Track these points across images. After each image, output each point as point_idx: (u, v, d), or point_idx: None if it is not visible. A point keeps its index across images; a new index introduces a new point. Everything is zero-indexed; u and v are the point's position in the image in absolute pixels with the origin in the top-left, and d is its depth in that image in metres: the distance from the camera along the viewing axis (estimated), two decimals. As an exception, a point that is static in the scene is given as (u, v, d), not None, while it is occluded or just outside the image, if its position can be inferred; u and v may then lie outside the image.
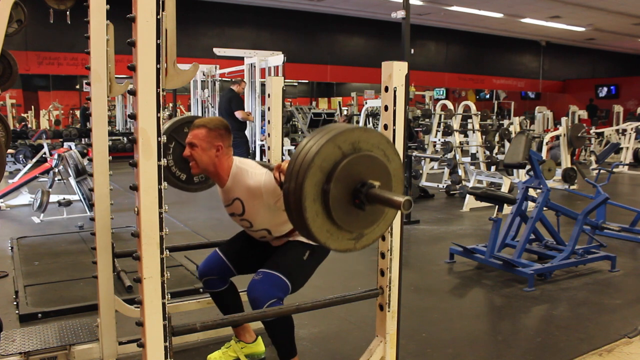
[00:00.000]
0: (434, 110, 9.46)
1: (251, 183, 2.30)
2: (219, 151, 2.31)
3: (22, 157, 10.10)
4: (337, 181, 1.53)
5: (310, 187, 1.50)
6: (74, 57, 12.62)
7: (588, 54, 22.15)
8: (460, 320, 3.35)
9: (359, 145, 1.58)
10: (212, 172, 2.35)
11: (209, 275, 2.54)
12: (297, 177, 1.51)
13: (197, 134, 2.29)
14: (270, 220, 2.37)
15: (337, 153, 1.54)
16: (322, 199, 1.53)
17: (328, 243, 1.59)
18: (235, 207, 2.39)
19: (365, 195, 1.56)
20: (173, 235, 5.06)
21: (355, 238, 1.65)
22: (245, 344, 2.66)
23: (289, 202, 1.54)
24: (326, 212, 1.54)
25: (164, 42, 1.56)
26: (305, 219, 1.51)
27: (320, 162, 1.51)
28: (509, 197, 4.20)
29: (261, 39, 15.09)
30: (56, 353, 2.60)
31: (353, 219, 1.60)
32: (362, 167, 1.57)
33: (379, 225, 1.70)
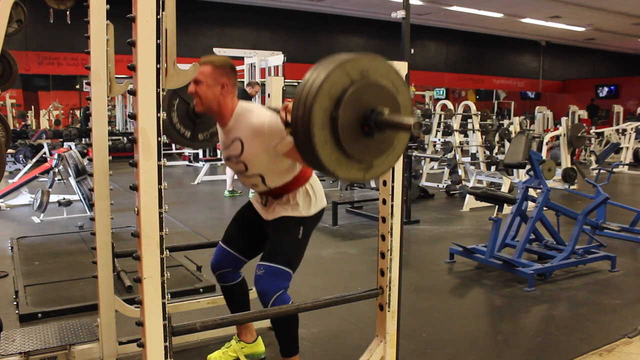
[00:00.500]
0: (434, 110, 9.47)
1: (255, 121, 2.25)
2: (223, 89, 2.28)
3: (22, 157, 10.10)
4: (345, 107, 1.50)
5: (318, 113, 1.47)
6: (74, 57, 12.62)
7: (588, 54, 22.15)
8: (460, 320, 3.35)
9: (368, 73, 1.55)
10: (215, 111, 2.31)
11: (221, 269, 2.56)
12: (305, 104, 1.48)
13: (202, 70, 2.27)
14: (266, 166, 2.30)
15: (346, 80, 1.51)
16: (330, 125, 1.50)
17: (337, 172, 1.55)
18: (233, 148, 2.33)
19: (374, 121, 1.53)
20: (173, 235, 5.06)
21: (364, 168, 1.62)
22: (245, 344, 2.66)
23: (297, 131, 1.51)
24: (335, 139, 1.51)
25: (164, 42, 1.56)
26: (314, 145, 1.48)
27: (328, 87, 1.48)
28: (509, 197, 4.21)
29: (261, 39, 15.09)
30: (56, 353, 2.60)
31: (362, 147, 1.56)
32: (370, 95, 1.54)
33: (388, 157, 1.67)
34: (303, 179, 2.38)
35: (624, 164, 10.69)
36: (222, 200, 7.56)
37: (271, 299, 2.22)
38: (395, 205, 2.09)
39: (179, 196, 7.90)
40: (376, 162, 1.64)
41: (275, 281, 2.24)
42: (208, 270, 4.00)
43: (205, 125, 2.75)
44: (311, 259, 4.57)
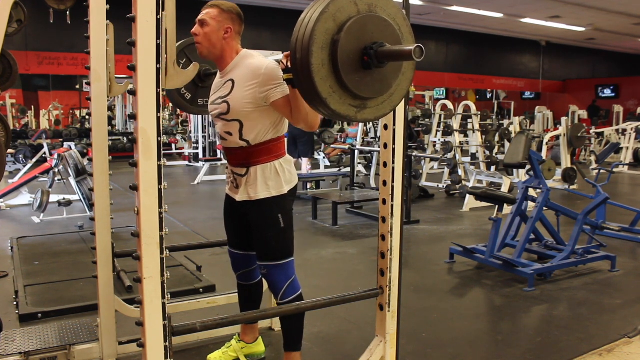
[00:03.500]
0: (434, 110, 9.46)
1: (254, 62, 2.23)
2: (227, 34, 2.25)
3: (22, 157, 10.10)
4: (348, 33, 1.47)
5: (320, 33, 1.45)
6: (74, 57, 12.60)
7: (588, 54, 22.13)
8: (460, 320, 3.35)
9: (376, 9, 1.54)
10: (216, 55, 2.28)
11: (238, 270, 2.60)
12: (308, 24, 1.46)
13: (209, 12, 2.25)
14: (248, 113, 2.21)
15: (353, 8, 1.49)
16: (330, 48, 1.47)
17: (329, 101, 1.52)
18: (223, 90, 2.28)
19: (375, 52, 1.50)
20: (173, 235, 5.06)
21: (357, 106, 1.58)
22: (245, 344, 2.66)
23: (296, 50, 1.48)
24: (332, 64, 1.48)
25: (164, 42, 1.56)
26: (310, 65, 1.45)
27: (334, 11, 1.46)
28: (509, 197, 4.21)
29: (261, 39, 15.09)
30: (56, 353, 2.60)
31: (359, 79, 1.53)
32: (375, 29, 1.52)
33: (384, 103, 1.64)
34: (275, 152, 2.30)
35: (624, 164, 10.69)
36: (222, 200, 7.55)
37: (283, 288, 2.31)
38: (395, 205, 2.09)
39: (179, 196, 7.90)
40: (371, 103, 1.61)
41: (281, 273, 2.32)
42: (208, 270, 4.02)
43: (206, 92, 2.73)
44: (311, 259, 4.57)
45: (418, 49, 1.45)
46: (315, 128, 2.22)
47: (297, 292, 2.37)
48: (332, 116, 1.63)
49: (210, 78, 2.76)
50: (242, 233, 2.52)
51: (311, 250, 4.83)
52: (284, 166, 2.33)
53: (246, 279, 2.60)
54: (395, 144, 2.05)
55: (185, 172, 11.04)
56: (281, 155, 2.33)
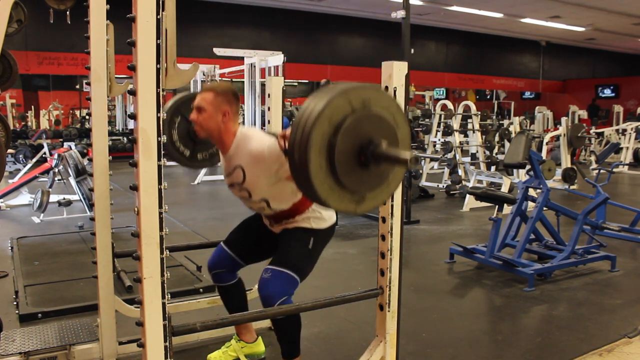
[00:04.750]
0: (434, 110, 9.46)
1: (255, 147, 2.26)
2: (225, 116, 2.28)
3: (22, 157, 10.10)
4: (344, 134, 1.49)
5: (317, 137, 1.47)
6: (74, 57, 12.60)
7: (588, 54, 22.13)
8: (460, 320, 3.35)
9: (370, 104, 1.55)
10: (216, 138, 2.32)
11: (217, 269, 2.55)
12: (304, 127, 1.47)
13: (205, 97, 2.27)
14: (269, 190, 2.31)
15: (347, 107, 1.51)
16: (327, 151, 1.49)
17: (328, 200, 1.54)
18: (235, 176, 2.35)
19: (371, 152, 1.53)
20: (173, 235, 5.05)
21: (356, 200, 1.61)
22: (245, 344, 2.66)
23: (293, 154, 1.51)
24: (330, 166, 1.50)
25: (164, 42, 1.56)
26: (308, 170, 1.47)
27: (330, 113, 1.48)
28: (509, 197, 4.21)
29: (261, 39, 15.08)
30: (56, 353, 2.60)
31: (356, 178, 1.55)
32: (370, 126, 1.54)
33: (382, 192, 1.66)
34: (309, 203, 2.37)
35: (624, 164, 10.69)
36: (222, 200, 7.56)
37: (275, 304, 2.19)
38: (395, 205, 2.09)
39: (179, 196, 7.90)
40: (369, 195, 1.64)
41: (281, 286, 2.23)
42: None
43: (205, 146, 2.75)
44: (311, 259, 4.57)
45: (414, 159, 1.48)
46: None
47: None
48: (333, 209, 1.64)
49: None
50: (253, 241, 2.54)
51: (311, 250, 4.82)
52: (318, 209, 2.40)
53: (220, 280, 2.58)
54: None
55: (185, 172, 11.03)
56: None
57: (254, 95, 9.48)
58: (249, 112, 9.64)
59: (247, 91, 9.67)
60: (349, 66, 16.54)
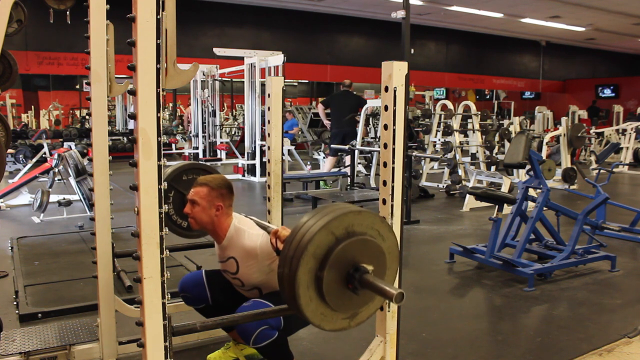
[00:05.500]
0: (434, 110, 9.45)
1: (247, 243, 2.31)
2: (218, 211, 2.33)
3: (22, 157, 10.10)
4: (330, 267, 1.55)
5: (303, 274, 1.53)
6: (74, 57, 12.61)
7: (588, 54, 22.14)
8: (460, 320, 3.35)
9: (353, 228, 1.60)
10: (210, 230, 2.38)
11: (185, 292, 2.58)
12: (290, 264, 1.53)
13: (198, 191, 2.31)
14: (262, 281, 2.38)
15: (331, 239, 1.56)
16: (315, 285, 1.55)
17: (322, 325, 1.61)
18: (229, 265, 2.41)
19: (358, 281, 1.58)
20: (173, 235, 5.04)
21: (349, 317, 1.67)
22: (244, 345, 2.65)
23: (283, 287, 1.57)
24: (320, 297, 1.57)
25: (164, 42, 1.56)
26: (299, 305, 1.54)
27: (313, 249, 1.53)
28: (509, 197, 4.21)
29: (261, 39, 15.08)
30: (56, 353, 2.60)
31: (347, 301, 1.62)
32: (355, 251, 1.59)
33: (374, 303, 1.72)
34: None
35: (624, 164, 10.69)
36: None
37: (254, 334, 2.14)
38: (395, 205, 2.08)
39: (179, 196, 7.88)
40: (361, 310, 1.69)
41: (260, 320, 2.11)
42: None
43: None
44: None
45: (399, 296, 1.51)
46: None
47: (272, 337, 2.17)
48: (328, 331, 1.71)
49: None
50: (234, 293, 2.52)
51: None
52: None
53: (188, 302, 2.60)
54: (395, 144, 2.04)
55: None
56: None
57: (254, 95, 9.48)
58: (249, 112, 9.64)
59: (247, 91, 9.67)
60: (349, 66, 16.54)
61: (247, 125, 9.77)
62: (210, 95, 11.63)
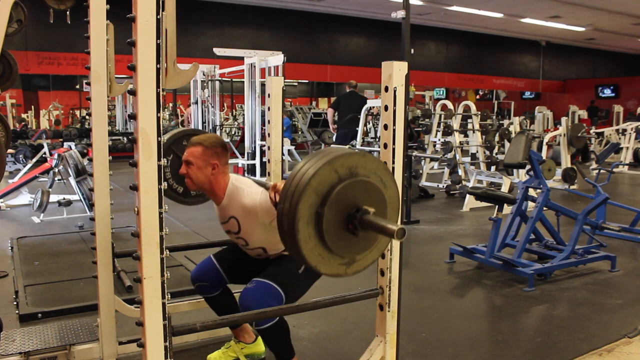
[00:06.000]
0: (434, 110, 9.45)
1: (246, 202, 2.30)
2: (214, 169, 2.31)
3: (22, 157, 10.09)
4: (331, 205, 1.52)
5: (304, 209, 1.50)
6: (74, 57, 12.61)
7: (588, 54, 22.14)
8: (460, 320, 3.35)
9: (356, 170, 1.58)
10: (207, 190, 2.36)
11: (201, 282, 2.56)
12: (291, 199, 1.50)
13: (193, 151, 2.30)
14: (265, 239, 2.38)
15: (334, 177, 1.53)
16: (315, 222, 1.53)
17: (319, 267, 1.58)
18: (231, 225, 2.41)
19: (359, 221, 1.55)
20: (173, 235, 5.06)
21: (346, 263, 1.65)
22: (245, 345, 2.66)
23: (282, 223, 1.54)
24: (319, 235, 1.54)
25: (164, 42, 1.56)
26: (297, 241, 1.51)
27: (316, 184, 1.50)
28: (509, 197, 4.20)
29: (261, 39, 15.09)
30: (56, 353, 2.60)
31: (345, 243, 1.59)
32: (357, 193, 1.57)
33: (372, 252, 1.69)
34: None
35: (624, 164, 10.69)
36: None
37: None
38: (395, 205, 2.08)
39: (179, 196, 7.88)
40: (358, 257, 1.67)
41: (263, 298, 2.18)
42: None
43: None
44: (311, 259, 4.57)
45: (400, 232, 1.49)
46: None
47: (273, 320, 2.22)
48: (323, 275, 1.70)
49: None
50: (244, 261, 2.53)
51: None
52: None
53: (204, 292, 2.59)
54: (395, 144, 2.04)
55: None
56: None
57: (254, 95, 9.47)
58: (249, 112, 9.64)
59: (247, 91, 9.66)
60: (349, 66, 16.55)
61: (247, 125, 9.76)
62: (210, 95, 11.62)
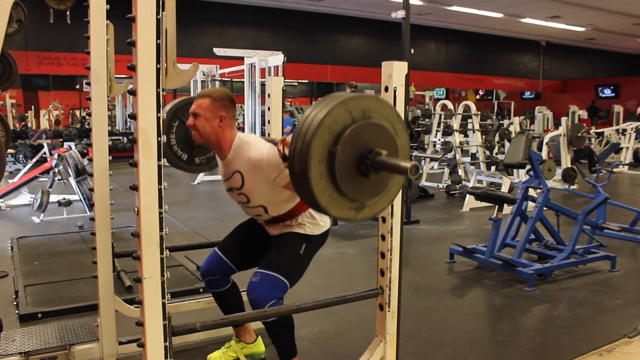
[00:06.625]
0: (434, 110, 9.46)
1: (253, 155, 2.26)
2: (222, 122, 2.28)
3: (22, 157, 10.10)
4: (344, 144, 1.51)
5: (317, 147, 1.48)
6: (74, 57, 12.61)
7: (588, 54, 22.14)
8: (460, 320, 3.35)
9: (370, 113, 1.57)
10: (213, 143, 2.32)
11: (210, 275, 2.54)
12: (304, 137, 1.48)
13: (200, 103, 2.28)
14: (268, 197, 2.32)
15: (347, 117, 1.52)
16: (327, 161, 1.51)
17: (329, 208, 1.56)
18: (234, 181, 2.35)
19: (371, 161, 1.54)
20: (173, 235, 5.06)
21: (356, 208, 1.63)
22: (245, 344, 2.66)
23: (293, 163, 1.52)
24: (330, 175, 1.52)
25: (164, 42, 1.56)
26: (309, 179, 1.49)
27: (329, 123, 1.49)
28: (509, 197, 4.21)
29: (261, 39, 15.09)
30: (56, 353, 2.60)
31: (357, 186, 1.57)
32: (370, 136, 1.56)
33: (381, 200, 1.68)
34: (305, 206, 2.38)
35: (624, 164, 10.69)
36: (222, 200, 7.56)
37: (264, 307, 2.18)
38: (395, 205, 2.09)
39: (179, 196, 7.90)
40: (369, 202, 1.66)
41: (269, 289, 2.21)
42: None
43: (202, 150, 2.77)
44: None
45: (414, 168, 1.48)
46: None
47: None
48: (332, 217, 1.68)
49: None
50: (248, 247, 2.53)
51: (311, 250, 4.82)
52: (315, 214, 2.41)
53: (214, 287, 2.57)
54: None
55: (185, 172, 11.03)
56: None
57: (254, 95, 9.48)
58: (249, 112, 9.63)
59: (247, 91, 9.66)
60: (349, 66, 16.55)
61: (247, 125, 9.76)
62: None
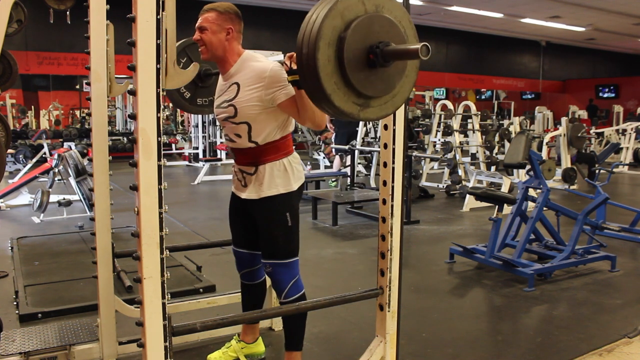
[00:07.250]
0: (434, 110, 9.46)
1: (259, 65, 2.24)
2: (229, 34, 2.26)
3: (22, 157, 10.10)
4: (355, 30, 1.50)
5: (327, 29, 1.47)
6: (74, 57, 12.60)
7: (588, 54, 22.13)
8: (460, 320, 3.35)
9: (382, 9, 1.57)
10: (220, 57, 2.29)
11: (243, 269, 2.60)
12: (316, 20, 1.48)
13: (207, 17, 2.26)
14: (256, 115, 2.23)
15: (360, 7, 1.53)
16: (337, 45, 1.50)
17: (333, 97, 1.54)
18: (228, 93, 2.29)
19: (381, 50, 1.53)
20: (173, 235, 5.06)
21: (361, 104, 1.61)
22: (245, 344, 2.66)
23: (302, 45, 1.51)
24: (338, 60, 1.51)
25: (164, 42, 1.56)
26: (316, 60, 1.47)
27: (342, 8, 1.49)
28: (509, 197, 4.21)
29: (261, 39, 15.08)
30: (56, 353, 2.60)
31: (364, 77, 1.57)
32: (381, 29, 1.56)
33: (387, 103, 1.67)
34: (283, 150, 2.32)
35: (624, 164, 10.69)
36: (222, 200, 7.56)
37: (286, 287, 2.32)
38: (395, 205, 2.09)
39: (179, 196, 7.90)
40: (374, 102, 1.64)
41: (286, 272, 2.33)
42: (208, 270, 4.02)
43: (206, 92, 2.79)
44: (311, 259, 4.57)
45: (424, 48, 1.48)
46: (322, 127, 2.28)
47: (301, 292, 2.38)
48: (335, 114, 1.64)
49: (210, 78, 2.76)
50: (247, 232, 2.52)
51: (311, 250, 4.82)
52: (292, 164, 2.36)
53: (250, 278, 2.60)
54: (395, 144, 2.05)
55: (185, 172, 11.04)
56: (289, 153, 2.36)
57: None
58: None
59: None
60: (349, 66, 16.51)
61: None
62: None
